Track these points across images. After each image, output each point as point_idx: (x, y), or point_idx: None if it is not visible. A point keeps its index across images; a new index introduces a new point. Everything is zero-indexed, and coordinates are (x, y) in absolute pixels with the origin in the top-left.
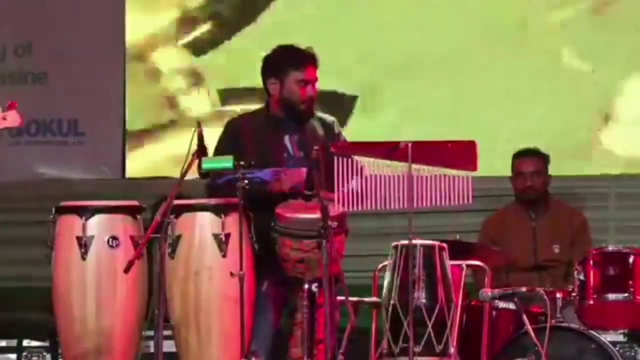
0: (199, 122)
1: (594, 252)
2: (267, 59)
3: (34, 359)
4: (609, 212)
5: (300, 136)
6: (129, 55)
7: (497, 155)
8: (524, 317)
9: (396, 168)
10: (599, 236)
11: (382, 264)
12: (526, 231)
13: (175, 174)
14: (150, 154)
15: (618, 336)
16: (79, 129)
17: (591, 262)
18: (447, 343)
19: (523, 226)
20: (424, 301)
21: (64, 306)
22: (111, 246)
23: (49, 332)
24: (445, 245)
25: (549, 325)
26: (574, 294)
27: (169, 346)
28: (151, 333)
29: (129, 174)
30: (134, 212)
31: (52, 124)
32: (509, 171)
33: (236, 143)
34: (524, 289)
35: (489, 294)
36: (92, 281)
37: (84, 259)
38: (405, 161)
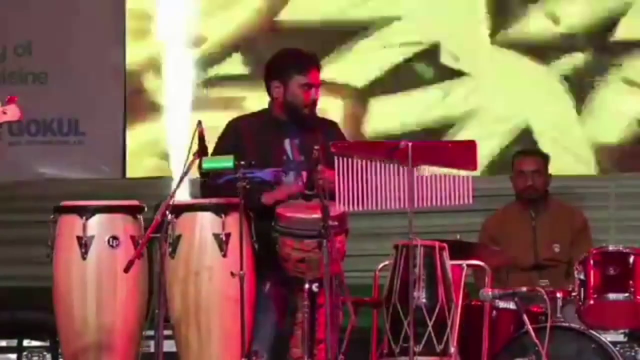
0: (199, 122)
1: (594, 252)
2: (271, 63)
3: (34, 358)
4: (609, 212)
5: (301, 140)
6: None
7: None
8: (524, 317)
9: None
10: (599, 236)
11: (382, 264)
12: (526, 231)
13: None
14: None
15: (618, 336)
16: (79, 129)
17: (591, 262)
18: (447, 343)
19: (523, 226)
20: (424, 301)
21: (64, 306)
22: (111, 246)
23: (49, 332)
24: (445, 245)
25: (549, 325)
26: (574, 293)
27: (169, 346)
28: (151, 333)
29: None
30: (134, 212)
31: (52, 124)
32: None
33: (236, 144)
34: (524, 289)
35: (489, 294)
36: (93, 281)
37: (84, 258)
38: (405, 161)
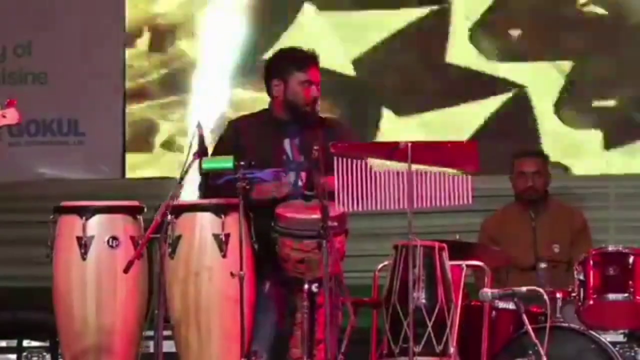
0: (199, 123)
1: (594, 252)
2: (270, 61)
3: (34, 359)
4: (609, 212)
5: (301, 140)
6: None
7: None
8: (524, 317)
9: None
10: (598, 236)
11: (382, 264)
12: (526, 231)
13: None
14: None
15: (618, 336)
16: (79, 129)
17: (591, 262)
18: (447, 343)
19: (523, 226)
20: (424, 301)
21: (64, 306)
22: (111, 246)
23: (49, 332)
24: (445, 245)
25: (549, 325)
26: (574, 294)
27: (169, 346)
28: (151, 333)
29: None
30: (134, 212)
31: (52, 124)
32: None
33: (236, 144)
34: (523, 289)
35: (489, 294)
36: (92, 281)
37: (84, 259)
38: (405, 161)
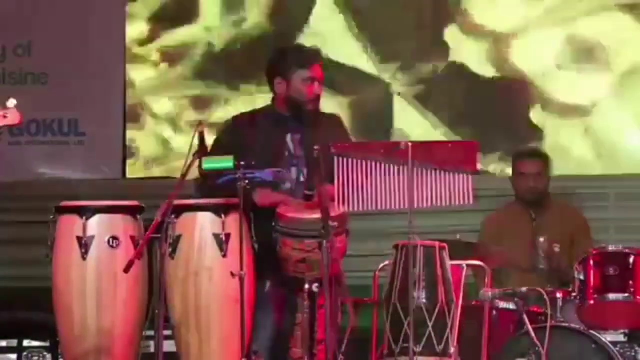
0: (200, 122)
1: (594, 252)
2: (273, 59)
3: (34, 359)
4: (609, 212)
5: (302, 136)
6: (129, 54)
7: None
8: (524, 317)
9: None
10: (599, 236)
11: (382, 264)
12: (527, 231)
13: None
14: None
15: (618, 336)
16: (79, 129)
17: (591, 262)
18: (447, 343)
19: (523, 226)
20: (424, 301)
21: (64, 306)
22: (111, 246)
23: (49, 332)
24: (446, 245)
25: (549, 325)
26: (574, 294)
27: (169, 346)
28: (151, 333)
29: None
30: (134, 212)
31: (52, 124)
32: None
33: (236, 140)
34: (524, 289)
35: (489, 294)
36: (93, 281)
37: (84, 259)
38: (405, 161)
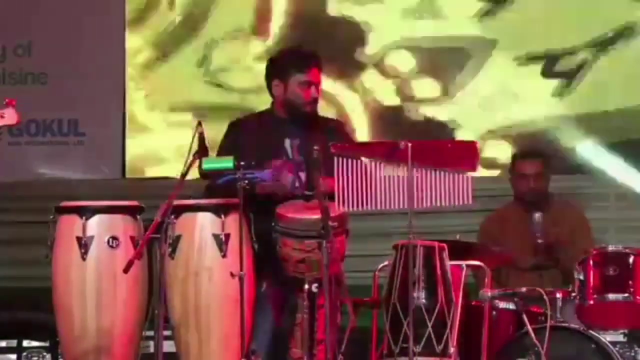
0: (199, 122)
1: (594, 252)
2: (271, 62)
3: (34, 359)
4: (609, 212)
5: (301, 140)
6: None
7: None
8: (524, 317)
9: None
10: (599, 236)
11: (382, 264)
12: (526, 231)
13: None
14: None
15: (618, 336)
16: (79, 129)
17: (591, 262)
18: (447, 343)
19: (523, 226)
20: (424, 301)
21: (64, 306)
22: (111, 246)
23: (49, 332)
24: (445, 245)
25: (549, 325)
26: (573, 294)
27: (169, 346)
28: (151, 333)
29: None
30: (134, 212)
31: (52, 124)
32: None
33: (236, 143)
34: (524, 289)
35: (489, 294)
36: (92, 281)
37: (84, 259)
38: (405, 161)
